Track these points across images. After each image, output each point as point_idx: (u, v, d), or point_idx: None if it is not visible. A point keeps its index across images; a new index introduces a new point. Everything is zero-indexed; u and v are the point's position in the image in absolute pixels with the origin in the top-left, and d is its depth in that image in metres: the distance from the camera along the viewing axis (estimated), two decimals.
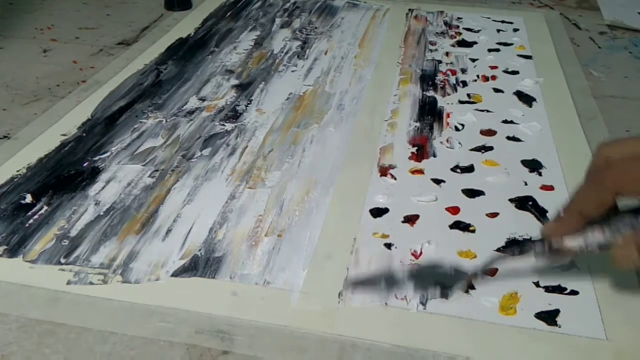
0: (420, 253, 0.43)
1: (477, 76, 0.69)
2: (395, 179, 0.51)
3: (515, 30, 0.82)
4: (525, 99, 0.65)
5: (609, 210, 0.36)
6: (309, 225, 0.46)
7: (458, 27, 0.82)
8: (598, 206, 0.36)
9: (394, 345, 0.37)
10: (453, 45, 0.77)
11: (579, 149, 0.56)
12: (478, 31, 0.81)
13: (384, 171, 0.52)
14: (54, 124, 0.59)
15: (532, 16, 0.87)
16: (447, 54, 0.75)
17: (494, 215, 0.48)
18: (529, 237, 0.45)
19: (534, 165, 0.54)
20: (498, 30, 0.82)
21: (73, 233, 0.45)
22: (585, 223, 0.36)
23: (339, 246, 0.44)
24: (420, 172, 0.52)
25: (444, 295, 0.39)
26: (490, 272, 0.41)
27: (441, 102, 0.64)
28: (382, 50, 0.76)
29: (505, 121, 0.60)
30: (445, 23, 0.84)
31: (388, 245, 0.44)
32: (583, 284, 0.41)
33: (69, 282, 0.41)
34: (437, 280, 0.40)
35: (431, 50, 0.75)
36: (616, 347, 0.37)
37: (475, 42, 0.78)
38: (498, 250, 0.43)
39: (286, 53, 0.75)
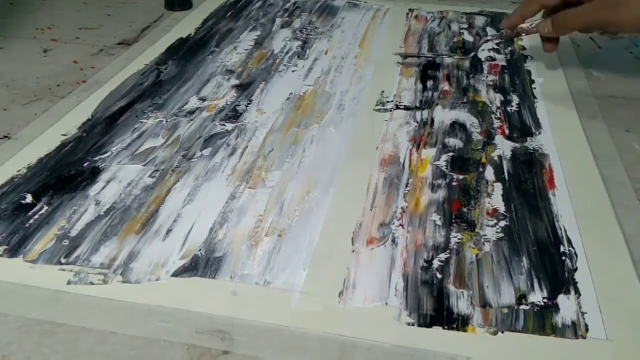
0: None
1: (479, 75, 0.69)
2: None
3: None
4: None
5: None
6: (309, 225, 0.46)
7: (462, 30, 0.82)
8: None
9: (394, 345, 0.37)
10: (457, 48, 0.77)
11: (579, 149, 0.56)
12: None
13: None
14: (54, 124, 0.59)
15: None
16: (450, 53, 0.75)
17: (494, 211, 0.48)
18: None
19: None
20: (497, 31, 0.82)
21: (73, 233, 0.45)
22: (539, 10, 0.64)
23: (339, 246, 0.44)
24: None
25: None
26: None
27: (442, 101, 0.64)
28: (382, 50, 0.76)
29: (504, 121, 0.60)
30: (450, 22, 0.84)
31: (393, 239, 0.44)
32: (583, 284, 0.41)
33: (69, 282, 0.41)
34: None
35: (433, 50, 0.76)
36: (616, 347, 0.37)
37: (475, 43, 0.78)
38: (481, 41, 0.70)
39: (286, 53, 0.75)
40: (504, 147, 0.56)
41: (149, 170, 0.52)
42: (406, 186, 0.51)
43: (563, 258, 0.43)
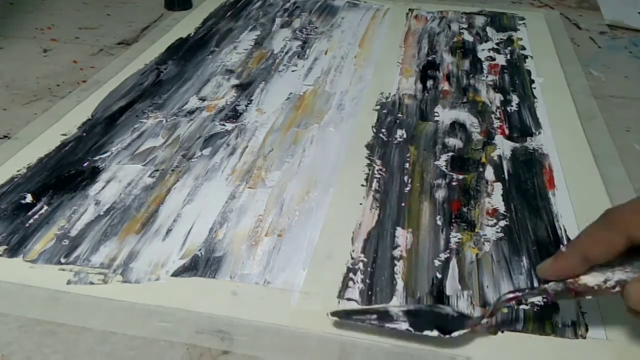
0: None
1: (479, 75, 0.69)
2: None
3: (516, 30, 0.82)
4: None
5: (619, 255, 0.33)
6: (309, 225, 0.46)
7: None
8: (606, 251, 0.33)
9: (394, 345, 0.37)
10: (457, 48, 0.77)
11: (579, 149, 0.56)
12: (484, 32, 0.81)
13: None
14: (54, 123, 0.59)
15: (532, 16, 0.87)
16: (450, 53, 0.75)
17: (494, 211, 0.48)
18: (530, 287, 0.41)
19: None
20: (497, 30, 0.82)
21: (73, 233, 0.45)
22: (589, 268, 0.34)
23: (339, 246, 0.44)
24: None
25: (441, 336, 0.36)
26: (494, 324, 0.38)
27: (442, 101, 0.64)
28: (382, 50, 0.76)
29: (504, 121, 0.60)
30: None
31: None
32: None
33: (69, 282, 0.41)
34: (436, 323, 0.36)
35: (432, 50, 0.76)
36: (616, 347, 0.37)
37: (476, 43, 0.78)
38: (503, 298, 0.36)
39: (286, 53, 0.75)
40: (504, 147, 0.56)
41: (149, 170, 0.52)
42: (406, 186, 0.51)
43: None
